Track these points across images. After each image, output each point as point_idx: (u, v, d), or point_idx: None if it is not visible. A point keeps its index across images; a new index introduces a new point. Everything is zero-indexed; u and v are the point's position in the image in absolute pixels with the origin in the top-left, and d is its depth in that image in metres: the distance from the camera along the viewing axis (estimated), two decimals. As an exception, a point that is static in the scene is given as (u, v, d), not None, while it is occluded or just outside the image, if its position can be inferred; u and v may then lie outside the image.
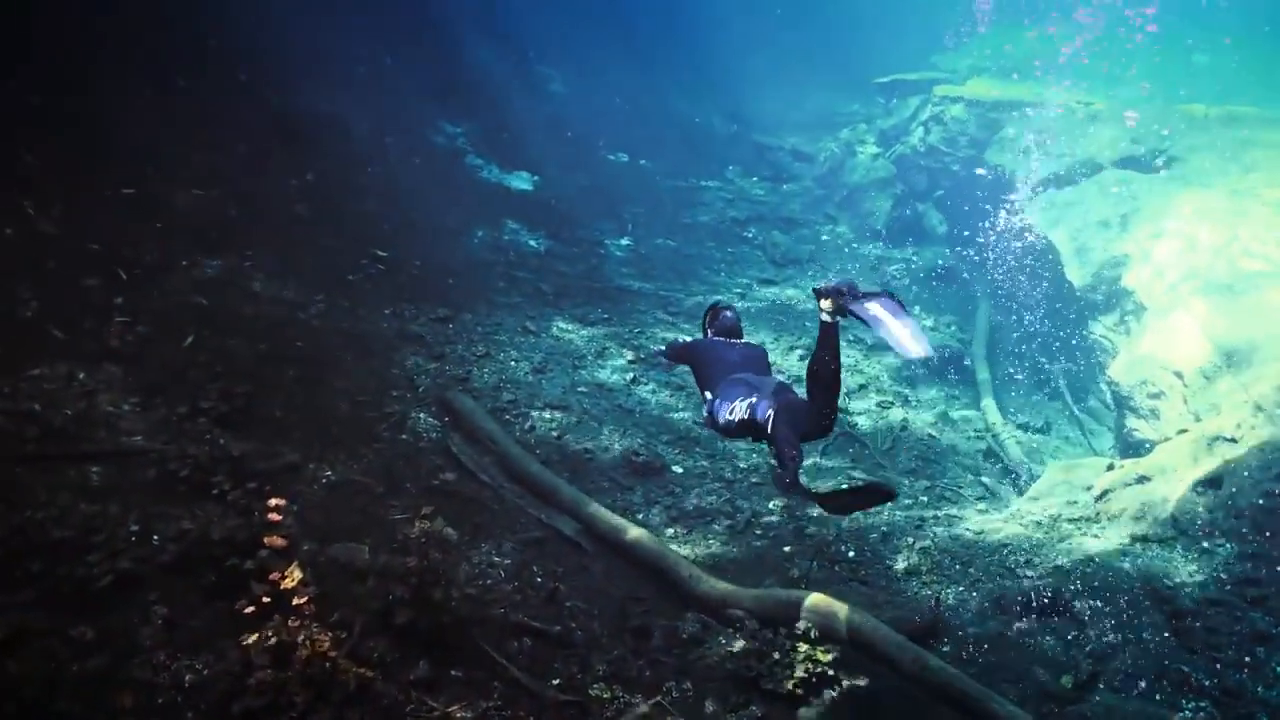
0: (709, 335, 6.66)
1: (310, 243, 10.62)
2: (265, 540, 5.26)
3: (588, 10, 21.23)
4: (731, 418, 5.78)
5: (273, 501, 5.48)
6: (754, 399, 5.71)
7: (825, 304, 5.11)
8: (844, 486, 6.10)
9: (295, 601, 5.17)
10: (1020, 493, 9.75)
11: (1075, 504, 8.73)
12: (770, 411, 5.54)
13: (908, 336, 4.86)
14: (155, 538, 5.98)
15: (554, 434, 8.84)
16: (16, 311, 7.78)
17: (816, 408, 5.41)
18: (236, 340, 8.55)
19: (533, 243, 13.26)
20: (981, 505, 9.20)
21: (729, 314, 6.68)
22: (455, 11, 16.94)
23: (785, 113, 22.46)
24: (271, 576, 5.12)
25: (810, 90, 23.84)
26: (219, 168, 10.60)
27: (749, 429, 5.75)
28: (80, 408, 7.08)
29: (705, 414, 6.15)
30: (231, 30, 11.65)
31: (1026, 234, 13.47)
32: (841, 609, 6.37)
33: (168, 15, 10.89)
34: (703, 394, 6.25)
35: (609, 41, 21.92)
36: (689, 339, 6.74)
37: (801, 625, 6.41)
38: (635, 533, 7.40)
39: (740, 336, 6.66)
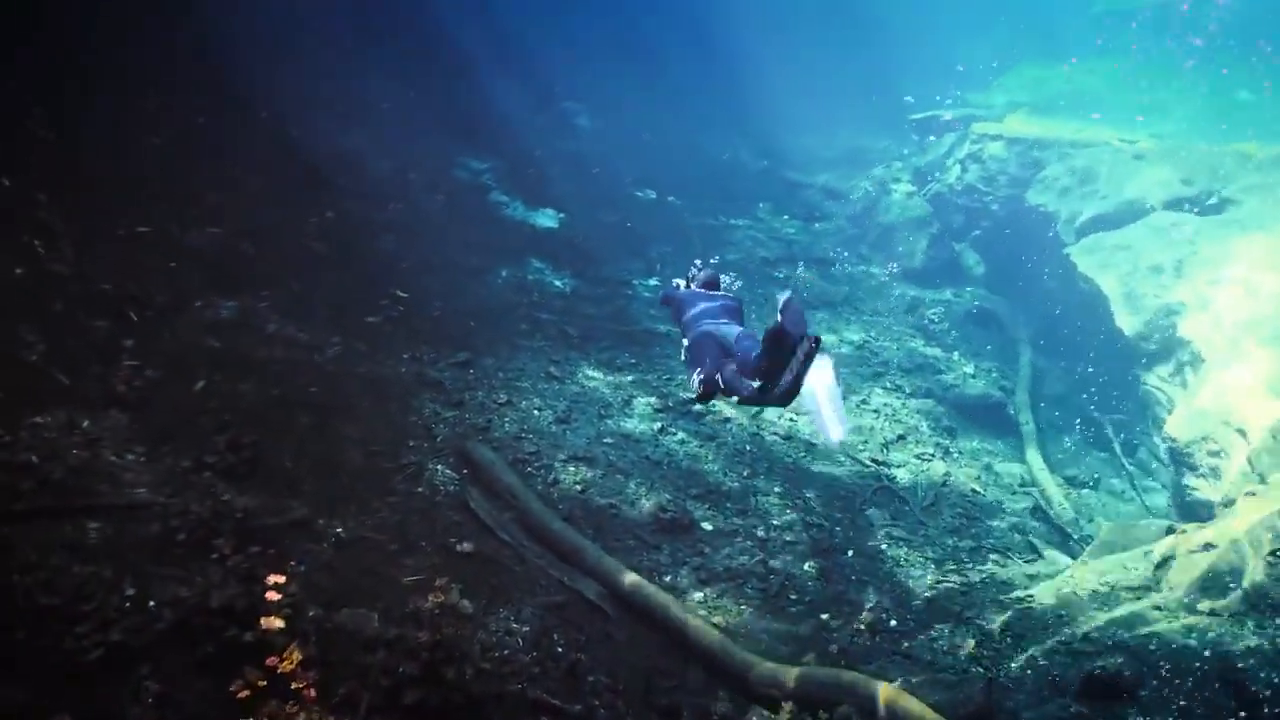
0: (692, 288, 7.33)
1: (328, 282, 10.29)
2: (262, 621, 4.82)
3: (615, 45, 21.04)
4: (692, 383, 6.42)
5: (272, 579, 5.05)
6: (702, 369, 6.31)
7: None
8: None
9: (295, 685, 4.74)
10: (1072, 555, 9.18)
11: (1134, 571, 8.15)
12: (699, 391, 6.24)
13: (832, 415, 5.68)
14: (151, 603, 5.59)
15: (578, 488, 8.40)
16: (22, 355, 7.47)
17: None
18: (248, 385, 8.21)
19: (558, 283, 12.87)
20: (1031, 569, 8.64)
21: (709, 270, 7.46)
22: (481, 47, 16.74)
23: (816, 149, 22.08)
24: (269, 660, 4.68)
25: (841, 126, 23.48)
26: (236, 205, 10.32)
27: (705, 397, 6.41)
28: (82, 458, 6.72)
29: (683, 358, 6.73)
30: (252, 68, 11.44)
31: (1071, 278, 12.96)
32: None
33: (187, 53, 10.68)
34: (683, 339, 6.89)
35: (636, 77, 21.72)
36: (681, 283, 7.40)
37: (843, 710, 5.90)
38: (662, 599, 6.93)
39: (719, 288, 7.37)
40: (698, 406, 6.95)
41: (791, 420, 10.54)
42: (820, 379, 5.63)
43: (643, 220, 16.13)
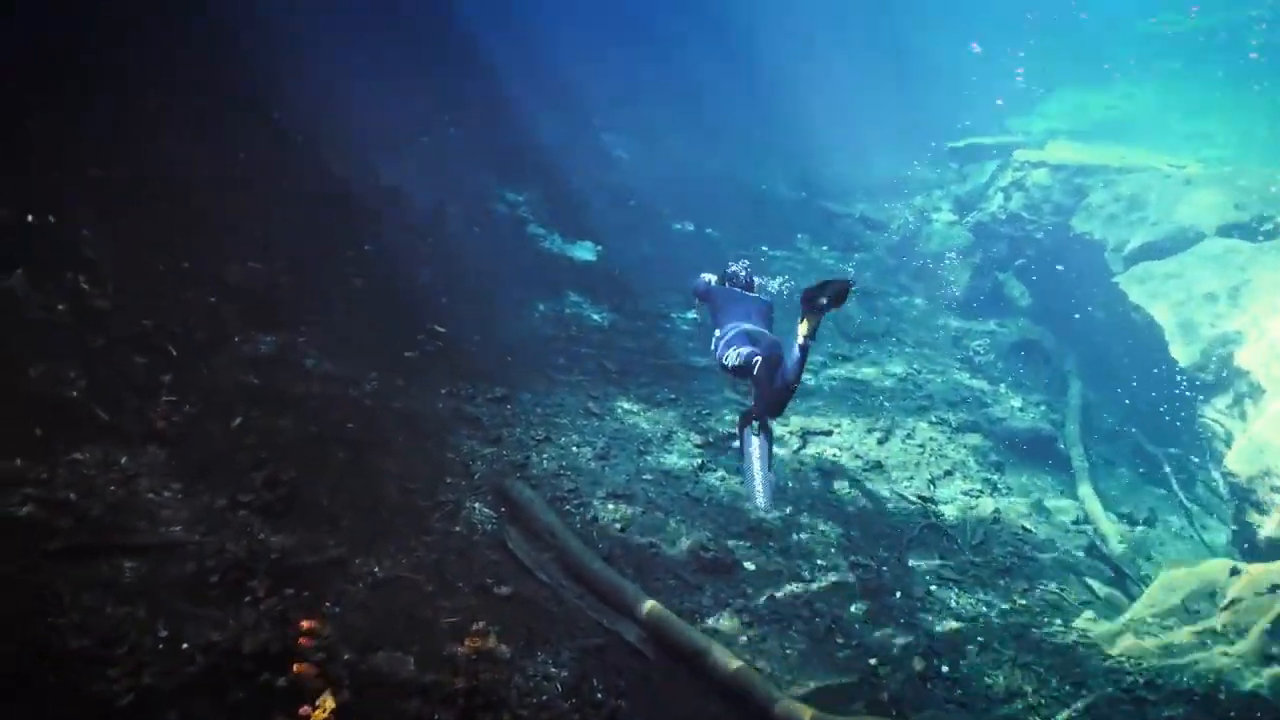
0: (727, 285, 8.56)
1: (366, 317, 10.26)
2: (296, 667, 4.70)
3: (653, 78, 21.11)
4: (727, 362, 7.89)
5: (305, 624, 4.93)
6: (750, 349, 7.73)
7: (805, 329, 7.11)
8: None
9: (327, 734, 4.61)
10: (1130, 597, 8.84)
11: (1197, 614, 7.82)
12: (758, 359, 7.58)
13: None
14: (184, 646, 5.49)
15: (617, 526, 8.22)
16: (62, 392, 7.46)
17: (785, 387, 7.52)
18: (286, 420, 8.14)
19: (596, 316, 12.76)
20: (1089, 612, 8.29)
21: (745, 273, 8.67)
22: (520, 81, 16.84)
23: (853, 179, 21.92)
24: (302, 710, 4.55)
25: (878, 156, 23.34)
26: (276, 240, 10.33)
27: (742, 372, 7.78)
28: (119, 495, 6.68)
29: (712, 347, 8.20)
30: (294, 102, 11.52)
31: (1121, 307, 12.63)
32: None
33: (229, 89, 10.77)
34: (714, 331, 8.23)
35: (674, 109, 21.76)
36: (712, 278, 8.69)
37: (897, 762, 5.65)
38: (704, 644, 6.71)
39: (753, 290, 8.61)
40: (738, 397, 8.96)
41: (835, 455, 10.32)
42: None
43: (680, 252, 16.02)
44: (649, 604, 6.97)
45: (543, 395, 10.19)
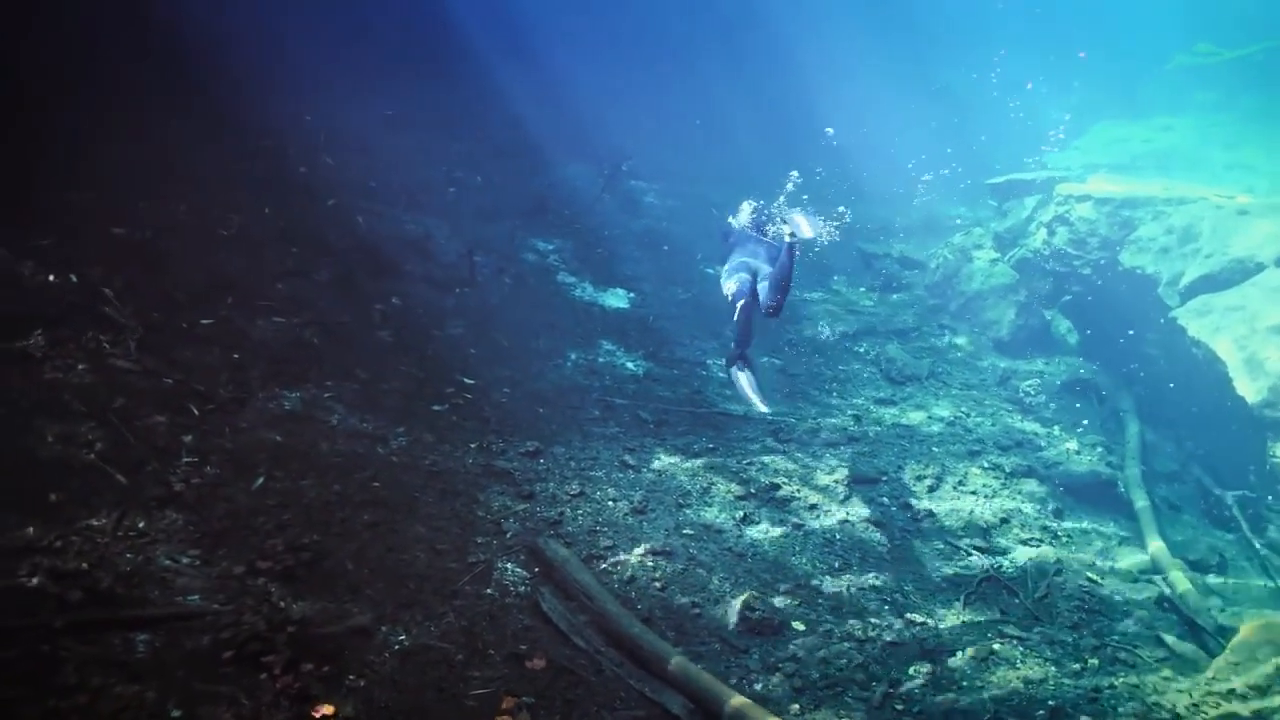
0: (742, 230, 10.04)
1: (394, 371, 9.99)
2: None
3: (682, 122, 21.00)
4: (726, 291, 9.32)
5: (323, 709, 4.54)
6: (740, 285, 9.07)
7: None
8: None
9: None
10: (1209, 651, 8.20)
11: (1288, 672, 7.18)
12: (742, 302, 8.99)
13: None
14: (197, 727, 5.13)
15: (657, 585, 7.78)
16: (79, 454, 7.22)
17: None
18: (310, 480, 7.83)
19: (630, 365, 12.40)
20: (1165, 671, 7.70)
21: (758, 216, 10.16)
22: (547, 129, 16.74)
23: (889, 219, 21.56)
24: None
25: (914, 195, 23.01)
26: (302, 295, 10.13)
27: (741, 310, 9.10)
28: (135, 562, 6.39)
29: (722, 280, 9.55)
30: (321, 157, 11.41)
31: (1178, 343, 12.07)
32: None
33: (254, 143, 10.67)
34: (724, 267, 9.52)
35: (704, 154, 21.63)
36: (736, 222, 10.29)
37: None
38: (756, 715, 6.22)
39: (764, 234, 9.89)
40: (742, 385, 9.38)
41: (884, 503, 9.82)
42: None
43: (715, 298, 15.67)
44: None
45: (576, 448, 9.81)
